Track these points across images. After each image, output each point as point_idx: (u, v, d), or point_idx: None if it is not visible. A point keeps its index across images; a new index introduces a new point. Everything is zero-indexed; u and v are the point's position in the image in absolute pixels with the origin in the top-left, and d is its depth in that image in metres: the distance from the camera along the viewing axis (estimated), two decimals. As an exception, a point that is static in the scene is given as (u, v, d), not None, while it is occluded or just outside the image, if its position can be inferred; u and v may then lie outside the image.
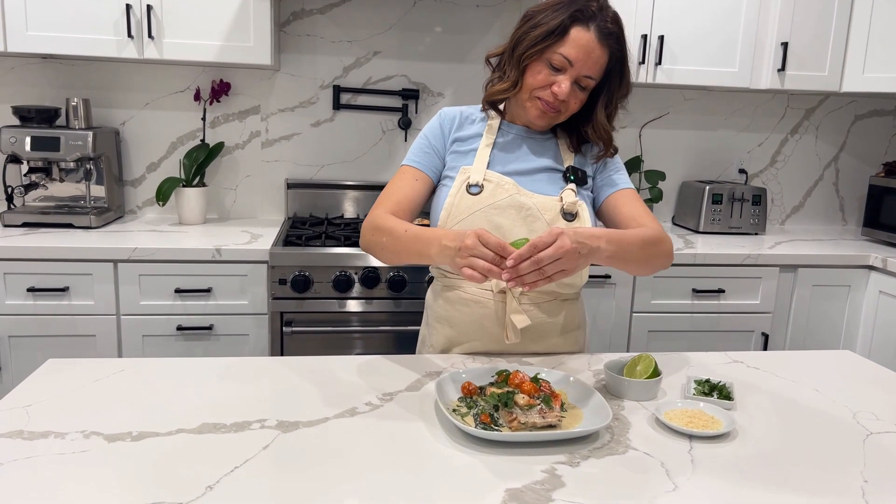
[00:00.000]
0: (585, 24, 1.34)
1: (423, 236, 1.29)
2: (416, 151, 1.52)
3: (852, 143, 3.24)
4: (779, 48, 2.71)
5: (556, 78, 1.36)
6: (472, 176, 1.44)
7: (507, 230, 1.40)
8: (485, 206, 1.41)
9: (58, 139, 2.46)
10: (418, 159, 1.50)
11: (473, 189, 1.43)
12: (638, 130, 3.05)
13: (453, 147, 1.50)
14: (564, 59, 1.34)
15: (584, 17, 1.34)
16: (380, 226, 1.38)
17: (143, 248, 2.25)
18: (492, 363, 1.40)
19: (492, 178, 1.44)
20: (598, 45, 1.35)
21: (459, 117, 1.53)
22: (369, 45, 2.85)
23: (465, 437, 1.05)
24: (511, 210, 1.41)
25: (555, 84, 1.36)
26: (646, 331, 2.56)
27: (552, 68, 1.36)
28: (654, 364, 1.25)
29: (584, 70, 1.36)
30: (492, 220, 1.41)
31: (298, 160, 2.90)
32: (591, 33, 1.34)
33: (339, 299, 2.32)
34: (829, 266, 2.63)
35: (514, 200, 1.42)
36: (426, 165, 1.49)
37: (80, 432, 1.02)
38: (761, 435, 1.11)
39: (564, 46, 1.34)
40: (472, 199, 1.42)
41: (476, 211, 1.41)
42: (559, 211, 1.42)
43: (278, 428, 1.06)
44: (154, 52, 2.42)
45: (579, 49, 1.34)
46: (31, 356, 2.26)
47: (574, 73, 1.36)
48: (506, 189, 1.43)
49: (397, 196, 1.45)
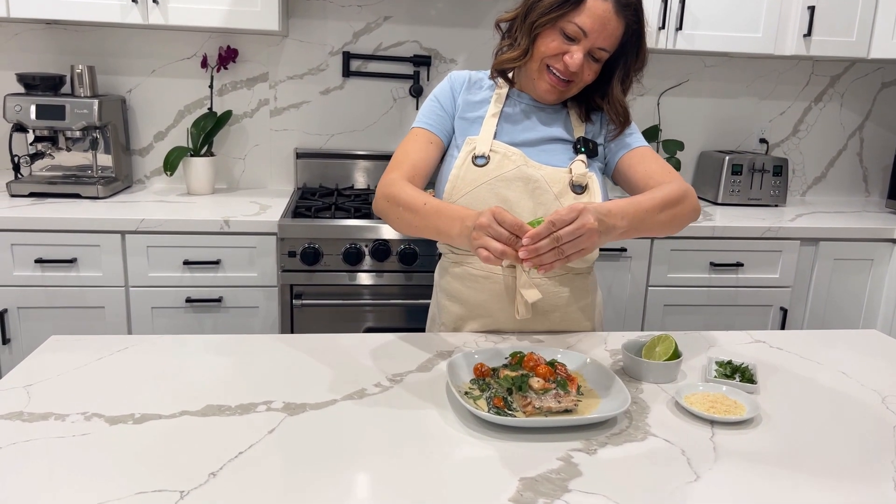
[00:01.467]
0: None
1: (445, 212, 1.22)
2: (427, 114, 1.46)
3: (878, 112, 3.14)
4: (805, 12, 2.61)
5: (568, 47, 1.30)
6: (478, 147, 1.39)
7: (514, 203, 1.36)
8: (491, 178, 1.36)
9: (63, 107, 2.41)
10: (430, 121, 1.45)
11: (479, 160, 1.38)
12: (656, 98, 2.96)
13: (461, 112, 1.45)
14: (579, 28, 1.28)
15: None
16: (396, 195, 1.30)
17: (151, 219, 2.21)
18: (505, 342, 1.36)
19: (498, 148, 1.39)
20: (614, 15, 1.28)
21: (469, 81, 1.48)
22: (380, 9, 2.76)
23: (477, 422, 1.01)
24: (518, 182, 1.36)
25: (567, 54, 1.30)
26: (661, 305, 2.51)
27: (565, 37, 1.30)
28: (675, 345, 1.21)
29: (598, 41, 1.30)
30: (498, 192, 1.36)
31: (307, 129, 2.84)
32: (608, 3, 1.28)
33: (350, 272, 2.28)
34: (851, 239, 2.55)
35: (522, 172, 1.37)
36: (439, 128, 1.44)
37: (82, 414, 0.99)
38: (786, 421, 1.07)
39: (580, 16, 1.28)
40: (477, 171, 1.37)
41: (482, 183, 1.36)
42: (568, 183, 1.38)
43: (284, 410, 1.03)
44: (159, 17, 2.35)
45: (595, 19, 1.27)
46: (40, 327, 2.24)
47: (588, 45, 1.30)
48: (513, 160, 1.38)
49: (412, 159, 1.39)
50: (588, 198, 1.38)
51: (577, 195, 1.38)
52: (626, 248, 2.43)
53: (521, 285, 1.36)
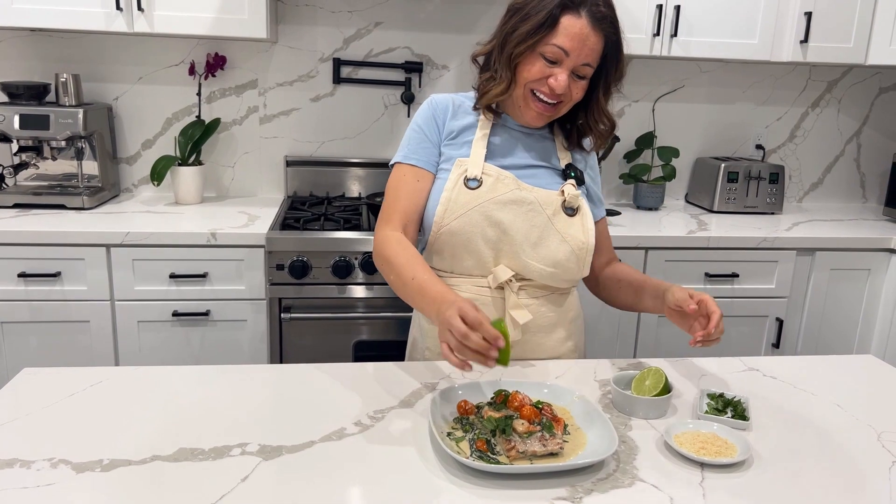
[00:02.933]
0: (576, 11, 1.24)
1: (426, 292, 1.19)
2: (411, 146, 1.41)
3: (876, 117, 3.10)
4: (802, 18, 2.56)
5: (551, 70, 1.27)
6: (469, 169, 1.36)
7: (508, 225, 1.34)
8: (484, 200, 1.33)
9: (47, 117, 2.37)
10: (416, 155, 1.40)
11: (472, 183, 1.35)
12: (651, 105, 2.92)
13: (447, 139, 1.41)
14: (559, 48, 1.25)
15: (573, 3, 1.24)
16: (389, 259, 1.29)
17: (136, 232, 2.17)
18: (490, 373, 1.32)
19: (490, 171, 1.36)
20: (591, 31, 1.26)
21: (452, 106, 1.43)
22: (371, 15, 2.72)
23: (459, 467, 0.98)
24: (512, 205, 1.34)
25: (551, 77, 1.27)
26: (656, 316, 2.47)
27: (546, 61, 1.27)
28: (665, 379, 1.17)
29: (580, 59, 1.27)
30: (491, 215, 1.33)
31: (298, 136, 2.80)
32: (583, 19, 1.25)
33: (339, 285, 2.24)
34: (847, 249, 2.52)
35: (516, 195, 1.34)
36: (426, 161, 1.40)
37: (48, 460, 0.96)
38: (778, 462, 1.03)
39: (557, 37, 1.25)
40: (470, 194, 1.34)
41: (475, 206, 1.33)
42: (560, 205, 1.37)
43: (259, 454, 0.99)
44: (144, 24, 2.31)
45: (573, 38, 1.24)
46: (25, 342, 2.21)
47: (570, 64, 1.27)
48: (506, 183, 1.35)
49: (402, 207, 1.36)
50: (580, 219, 1.38)
51: (570, 216, 1.37)
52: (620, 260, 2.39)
53: (511, 307, 1.36)
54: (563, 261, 1.36)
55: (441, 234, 1.36)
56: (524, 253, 1.35)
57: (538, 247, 1.35)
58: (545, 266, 1.36)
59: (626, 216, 2.70)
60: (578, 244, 1.36)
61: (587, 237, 1.37)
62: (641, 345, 2.49)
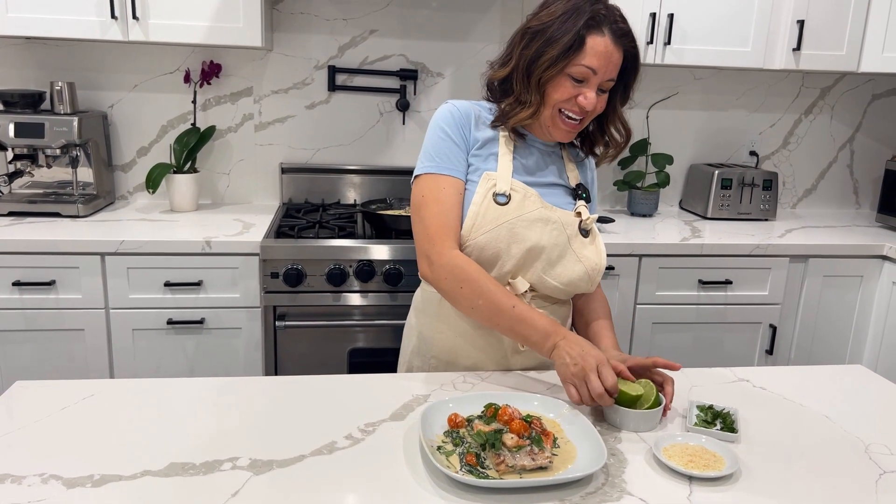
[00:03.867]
0: (600, 30, 1.28)
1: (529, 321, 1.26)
2: (445, 155, 1.37)
3: (869, 124, 3.11)
4: (794, 26, 2.58)
5: (580, 90, 1.30)
6: (498, 184, 1.37)
7: (534, 243, 1.36)
8: (512, 217, 1.35)
9: (42, 125, 2.37)
10: (452, 165, 1.37)
11: (501, 198, 1.36)
12: (645, 112, 2.93)
13: (473, 148, 1.41)
14: (587, 69, 1.29)
15: (596, 22, 1.28)
16: (478, 285, 1.29)
17: (131, 240, 2.18)
18: (483, 382, 1.33)
19: (518, 188, 1.37)
20: (615, 48, 1.30)
21: (474, 116, 1.42)
22: (365, 23, 2.73)
23: (449, 481, 0.98)
24: (538, 223, 1.36)
25: (580, 96, 1.30)
26: (650, 323, 2.48)
27: (575, 81, 1.30)
28: (656, 392, 1.18)
29: (606, 76, 1.31)
30: (518, 232, 1.35)
31: (293, 143, 2.81)
32: (606, 38, 1.28)
33: (334, 293, 2.25)
34: (840, 256, 2.53)
35: (542, 214, 1.37)
36: (461, 171, 1.38)
37: (39, 476, 0.96)
38: (765, 475, 1.04)
39: (585, 57, 1.28)
40: (499, 210, 1.35)
41: (504, 222, 1.35)
42: (577, 227, 1.40)
43: (250, 469, 1.00)
44: (139, 33, 2.32)
45: (600, 57, 1.28)
46: (19, 350, 2.21)
47: (597, 81, 1.30)
48: (533, 201, 1.37)
49: (456, 223, 1.35)
50: (591, 241, 1.42)
51: (584, 238, 1.40)
52: (613, 267, 2.40)
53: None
54: (576, 280, 1.39)
55: (467, 246, 1.36)
56: (543, 270, 1.37)
57: (556, 265, 1.38)
58: (559, 284, 1.39)
59: (621, 223, 2.71)
60: (592, 265, 1.40)
61: (600, 259, 1.41)
62: (635, 354, 2.50)
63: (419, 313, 1.52)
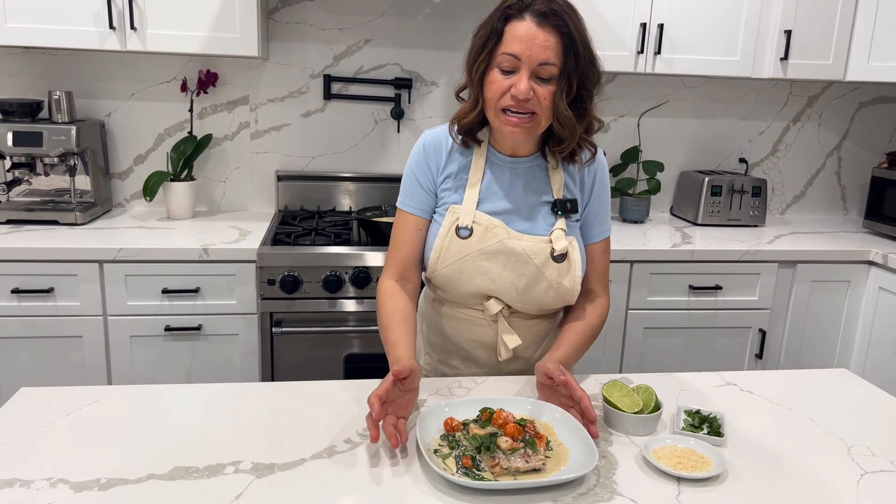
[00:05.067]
0: (519, 16, 1.26)
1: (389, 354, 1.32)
2: (408, 193, 1.45)
3: (856, 131, 3.17)
4: (782, 36, 2.63)
5: (511, 80, 1.27)
6: (461, 218, 1.39)
7: (496, 275, 1.38)
8: (474, 250, 1.38)
9: (40, 134, 2.40)
10: (413, 203, 1.44)
11: (463, 232, 1.38)
12: (636, 119, 2.98)
13: (442, 184, 1.43)
14: (510, 55, 1.26)
15: (514, 10, 1.27)
16: (379, 310, 1.40)
17: (129, 248, 2.20)
18: (479, 387, 1.36)
19: (481, 220, 1.38)
20: (538, 29, 1.24)
21: (446, 147, 1.42)
22: (360, 32, 2.76)
23: (446, 483, 1.01)
24: (500, 255, 1.38)
25: (512, 86, 1.26)
26: (641, 328, 2.52)
27: (504, 73, 1.27)
28: (655, 397, 1.22)
29: (534, 59, 1.24)
30: (480, 265, 1.38)
31: (289, 151, 2.84)
32: (526, 21, 1.25)
33: (329, 299, 2.28)
34: (828, 262, 2.58)
35: (504, 245, 1.37)
36: (421, 209, 1.44)
37: (47, 480, 0.99)
38: (751, 476, 1.08)
39: (505, 45, 1.26)
40: (461, 243, 1.38)
41: (465, 256, 1.38)
42: (549, 253, 1.38)
43: (252, 472, 1.03)
44: (137, 43, 2.34)
45: (520, 40, 1.24)
46: (18, 357, 2.23)
47: (527, 67, 1.25)
48: (495, 234, 1.38)
49: (404, 254, 1.44)
50: (568, 266, 1.39)
51: (559, 263, 1.38)
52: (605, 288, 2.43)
53: (503, 331, 1.44)
54: (549, 303, 1.43)
55: (435, 275, 1.43)
56: (511, 297, 1.41)
57: (526, 292, 1.40)
58: (530, 307, 1.43)
59: (612, 229, 2.72)
60: (564, 290, 1.40)
61: (573, 285, 1.40)
62: (627, 359, 2.53)
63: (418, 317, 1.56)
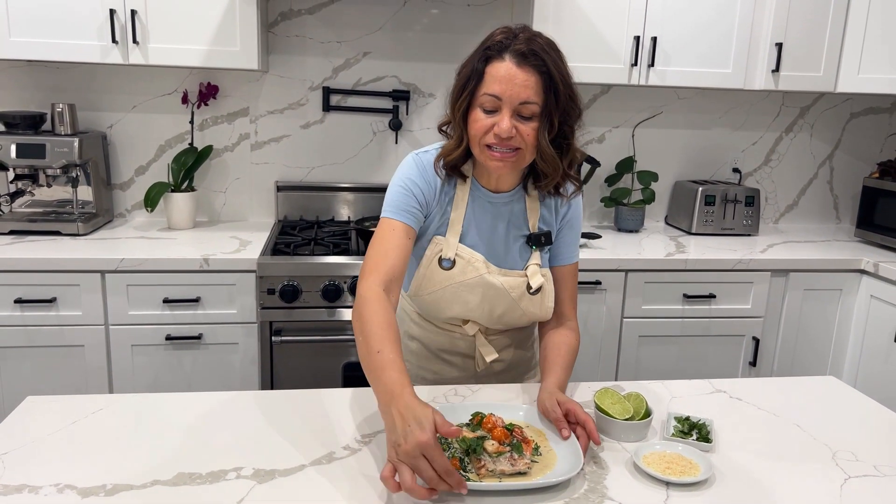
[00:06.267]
0: (499, 57, 1.28)
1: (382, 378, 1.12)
2: (401, 202, 1.39)
3: (847, 141, 3.21)
4: (773, 49, 2.67)
5: (493, 119, 1.29)
6: (444, 250, 1.43)
7: (475, 306, 1.47)
8: (455, 282, 1.44)
9: (43, 146, 2.44)
10: (406, 212, 1.39)
11: (445, 263, 1.44)
12: (631, 130, 3.02)
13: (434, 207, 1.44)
14: (491, 96, 1.28)
15: (494, 51, 1.29)
16: (364, 319, 1.24)
17: (130, 258, 2.23)
18: (474, 395, 1.40)
19: (463, 254, 1.44)
20: (518, 70, 1.26)
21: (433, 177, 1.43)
22: (359, 45, 2.81)
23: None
24: (479, 289, 1.45)
25: (494, 125, 1.29)
26: (636, 336, 2.55)
27: (486, 112, 1.30)
28: (646, 404, 1.25)
29: (515, 98, 1.27)
30: (460, 295, 1.45)
31: (288, 162, 2.88)
32: (506, 62, 1.27)
33: (328, 308, 2.31)
34: (820, 270, 2.61)
35: (483, 280, 1.44)
36: (415, 220, 1.40)
37: (55, 486, 1.02)
38: (738, 480, 1.11)
39: (486, 85, 1.28)
40: (443, 274, 1.44)
41: (447, 286, 1.45)
42: (524, 288, 1.46)
43: (254, 478, 1.06)
44: (139, 57, 2.39)
45: (500, 81, 1.27)
46: (20, 367, 2.26)
47: (509, 106, 1.28)
48: (476, 268, 1.43)
49: (391, 263, 1.33)
50: (541, 298, 1.48)
51: (532, 296, 1.47)
52: (600, 282, 2.48)
53: (480, 345, 1.52)
54: (521, 325, 1.54)
55: (416, 299, 1.50)
56: (487, 322, 1.50)
57: (501, 319, 1.50)
58: (505, 328, 1.54)
59: (608, 238, 2.79)
60: (536, 317, 1.51)
61: (545, 313, 1.50)
62: (622, 367, 2.57)
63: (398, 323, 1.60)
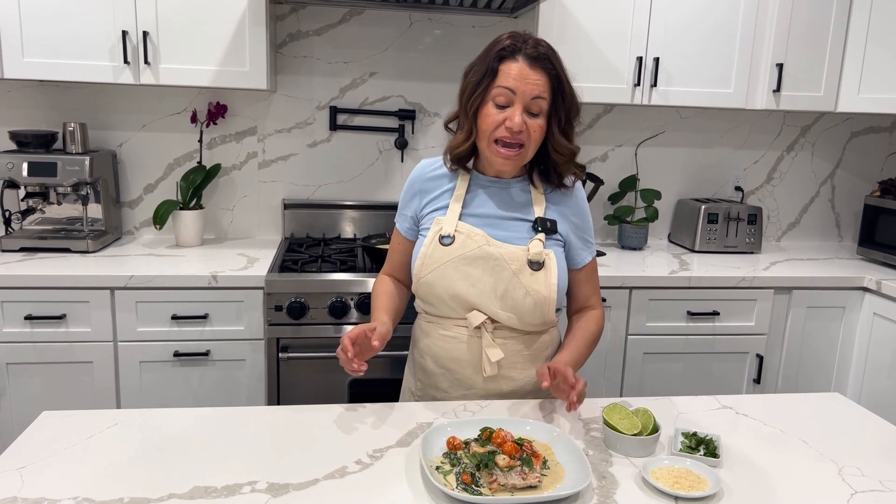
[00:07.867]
0: (512, 57, 1.40)
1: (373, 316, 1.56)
2: (399, 212, 1.64)
3: (848, 160, 3.24)
4: (774, 69, 2.71)
5: (505, 113, 1.40)
6: (444, 227, 1.50)
7: (476, 279, 1.48)
8: (455, 256, 1.48)
9: (55, 164, 2.47)
10: (399, 222, 1.64)
11: (445, 240, 1.49)
12: (634, 149, 3.05)
13: (427, 207, 1.57)
14: (505, 89, 1.39)
15: (508, 52, 1.40)
16: (373, 290, 1.66)
17: (139, 275, 2.26)
18: (483, 410, 1.41)
19: (462, 229, 1.49)
20: (530, 70, 1.39)
21: (435, 174, 1.58)
22: (365, 65, 2.85)
23: (447, 498, 1.06)
24: (480, 261, 1.47)
25: (507, 119, 1.39)
26: (641, 353, 2.57)
27: (498, 107, 1.40)
28: (654, 419, 1.27)
29: (528, 93, 1.39)
30: (461, 269, 1.47)
31: (295, 180, 2.91)
32: (519, 62, 1.39)
33: (335, 325, 2.33)
34: (823, 288, 2.63)
35: (483, 251, 1.47)
36: (406, 229, 1.62)
37: (73, 499, 1.04)
38: (746, 495, 1.12)
39: (500, 80, 1.39)
40: (443, 250, 1.48)
41: (447, 261, 1.48)
42: (525, 261, 1.47)
43: (268, 492, 1.08)
44: (150, 77, 2.43)
45: (514, 77, 1.39)
46: (29, 383, 2.27)
47: (521, 101, 1.39)
48: (475, 240, 1.48)
49: (395, 260, 1.66)
50: (544, 274, 1.48)
51: (534, 271, 1.47)
52: (605, 299, 2.49)
53: (486, 345, 1.49)
54: (526, 311, 1.49)
55: (420, 284, 1.52)
56: (491, 303, 1.48)
57: (504, 298, 1.48)
58: (510, 314, 1.49)
59: (612, 256, 2.81)
60: (540, 298, 1.47)
61: (549, 292, 1.48)
62: (627, 383, 2.58)
63: (412, 344, 1.67)
